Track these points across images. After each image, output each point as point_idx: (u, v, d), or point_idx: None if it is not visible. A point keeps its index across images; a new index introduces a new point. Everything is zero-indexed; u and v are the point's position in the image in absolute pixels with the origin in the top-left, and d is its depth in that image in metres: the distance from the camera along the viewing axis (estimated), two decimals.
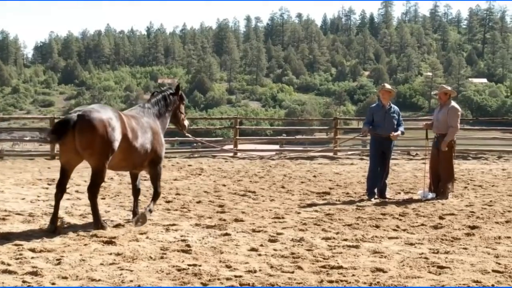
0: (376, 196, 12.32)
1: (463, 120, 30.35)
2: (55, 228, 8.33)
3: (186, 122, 10.48)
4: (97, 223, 8.49)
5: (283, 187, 14.04)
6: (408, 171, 18.06)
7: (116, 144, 8.36)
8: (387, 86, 12.77)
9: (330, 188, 13.92)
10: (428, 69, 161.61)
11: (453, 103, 12.57)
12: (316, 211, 10.68)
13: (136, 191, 9.71)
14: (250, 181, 15.16)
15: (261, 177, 16.05)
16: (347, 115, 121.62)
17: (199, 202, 11.45)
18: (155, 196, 9.58)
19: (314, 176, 16.46)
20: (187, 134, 11.08)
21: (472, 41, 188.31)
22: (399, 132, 12.49)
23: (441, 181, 12.37)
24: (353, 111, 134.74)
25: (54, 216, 8.42)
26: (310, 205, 11.35)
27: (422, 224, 9.40)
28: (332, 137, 24.32)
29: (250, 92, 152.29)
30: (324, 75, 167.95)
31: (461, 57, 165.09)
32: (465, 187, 14.26)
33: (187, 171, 16.97)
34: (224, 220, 9.51)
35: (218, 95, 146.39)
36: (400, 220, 9.83)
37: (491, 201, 12.02)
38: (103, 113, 8.29)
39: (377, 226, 9.20)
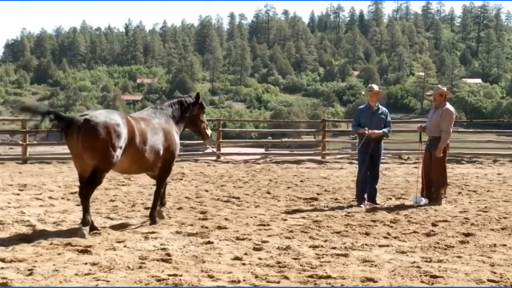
0: (366, 202, 12.34)
1: (457, 122, 30.50)
2: (92, 227, 8.90)
3: (208, 131, 10.92)
4: (87, 223, 8.79)
5: (268, 192, 14.04)
6: (400, 176, 18.13)
7: (119, 152, 8.77)
8: (375, 87, 12.78)
9: (318, 194, 13.93)
10: (420, 69, 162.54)
11: (448, 105, 12.60)
12: (303, 217, 10.68)
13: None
14: (234, 186, 15.14)
15: (246, 182, 16.04)
16: (336, 116, 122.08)
17: (180, 208, 11.42)
18: (157, 195, 10.00)
19: (301, 181, 16.47)
20: (207, 146, 11.52)
21: (466, 40, 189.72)
22: (379, 131, 12.42)
23: (433, 186, 12.42)
24: (342, 113, 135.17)
25: (85, 218, 8.81)
26: (297, 212, 11.35)
27: (414, 232, 9.42)
28: (320, 140, 24.38)
29: (234, 93, 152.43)
30: (312, 75, 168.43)
31: (454, 57, 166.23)
32: (459, 193, 14.33)
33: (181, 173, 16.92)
34: (207, 227, 9.49)
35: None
36: (391, 227, 9.86)
37: (486, 207, 12.08)
38: (109, 119, 8.70)
39: (367, 234, 9.22)
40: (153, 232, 9.03)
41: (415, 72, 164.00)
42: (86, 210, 8.84)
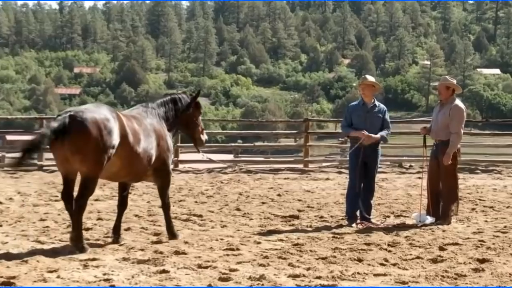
0: (358, 221, 12.38)
1: (470, 123, 30.82)
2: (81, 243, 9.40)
3: (204, 137, 11.24)
4: (78, 244, 9.28)
5: (238, 209, 14.03)
6: (400, 188, 18.21)
7: (112, 151, 9.18)
8: (369, 78, 12.78)
9: (299, 211, 13.95)
10: (425, 56, 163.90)
11: (457, 101, 12.65)
12: (281, 240, 10.68)
13: (123, 203, 10.55)
14: (196, 202, 15.11)
15: (210, 197, 16.01)
16: (322, 115, 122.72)
17: (128, 229, 11.35)
18: (165, 208, 10.59)
19: (279, 195, 16.48)
20: (201, 153, 12.38)
21: (481, 21, 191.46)
22: (376, 136, 12.45)
23: (442, 201, 12.49)
24: (329, 111, 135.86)
25: (78, 232, 9.36)
26: (273, 233, 11.34)
27: (418, 257, 9.47)
28: (302, 144, 24.46)
29: (195, 86, 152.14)
30: (292, 63, 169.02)
31: (467, 42, 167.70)
32: (473, 209, 14.42)
33: (112, 189, 16.83)
34: (161, 252, 9.46)
35: (153, 89, 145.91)
36: (390, 251, 9.90)
37: (505, 226, 12.16)
38: (98, 114, 9.10)
39: (360, 260, 9.25)
40: (94, 259, 8.97)
41: (418, 61, 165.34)
42: (79, 224, 9.42)
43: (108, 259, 9.04)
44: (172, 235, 10.51)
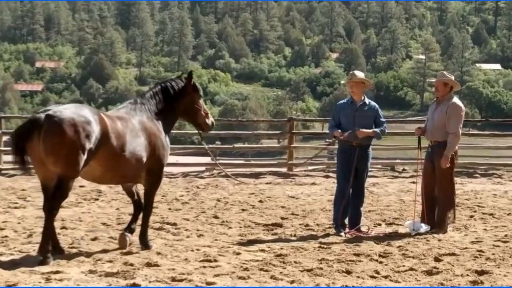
0: (346, 229, 12.41)
1: (468, 122, 30.91)
2: (60, 252, 9.84)
3: (209, 120, 11.26)
4: (43, 250, 9.44)
5: (216, 216, 14.02)
6: (392, 194, 18.25)
7: (87, 154, 9.34)
8: (359, 74, 12.79)
9: (283, 218, 13.95)
10: (420, 50, 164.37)
11: (455, 99, 12.68)
12: (263, 250, 10.69)
13: (138, 207, 10.99)
14: (169, 209, 15.09)
15: (185, 203, 15.99)
16: (308, 114, 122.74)
17: (95, 239, 11.32)
18: (147, 214, 10.78)
19: (260, 201, 16.48)
20: (202, 143, 12.53)
21: (480, 12, 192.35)
22: (368, 131, 12.39)
23: (437, 207, 12.52)
24: (315, 109, 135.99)
25: (54, 240, 9.72)
26: (254, 243, 11.36)
27: (411, 269, 9.50)
28: (286, 145, 24.46)
29: None
30: (275, 58, 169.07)
31: (465, 34, 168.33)
32: (471, 216, 14.47)
33: (78, 195, 16.78)
34: (131, 264, 9.44)
35: (123, 86, 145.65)
36: (381, 263, 9.92)
37: (506, 235, 12.22)
38: (77, 115, 9.30)
39: (349, 272, 9.27)
40: (57, 272, 8.94)
41: (413, 55, 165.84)
42: (51, 231, 9.68)
43: (73, 272, 9.01)
44: (144, 245, 10.53)
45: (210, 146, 28.05)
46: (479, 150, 27.43)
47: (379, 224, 13.47)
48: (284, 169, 23.25)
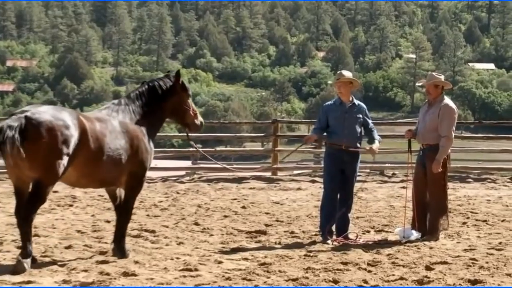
0: (334, 237, 12.42)
1: (461, 125, 30.95)
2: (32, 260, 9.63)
3: (198, 120, 11.23)
4: (25, 255, 9.44)
5: (196, 223, 14.01)
6: (382, 199, 18.30)
7: (66, 160, 9.37)
8: (346, 74, 12.79)
9: (267, 225, 13.96)
10: (410, 49, 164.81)
11: (447, 100, 12.70)
12: (246, 259, 10.69)
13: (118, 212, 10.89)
14: (148, 215, 15.06)
15: (164, 209, 15.97)
16: (293, 116, 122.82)
17: (69, 247, 11.29)
18: (124, 219, 10.77)
19: (243, 207, 16.48)
20: (190, 142, 12.44)
21: (473, 9, 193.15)
22: (377, 144, 12.63)
23: (429, 214, 12.54)
24: (301, 111, 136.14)
25: (26, 247, 9.54)
26: (237, 251, 11.35)
27: (402, 278, 9.52)
28: (270, 149, 24.47)
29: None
30: (259, 57, 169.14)
31: (457, 32, 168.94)
32: (464, 223, 14.52)
33: (51, 200, 16.71)
34: (108, 274, 9.42)
35: (99, 86, 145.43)
36: (370, 272, 9.93)
37: (500, 243, 12.26)
38: (55, 117, 9.33)
39: (336, 282, 9.28)
40: (29, 282, 8.92)
41: (403, 54, 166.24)
42: (27, 237, 9.53)
43: (46, 282, 8.99)
44: (121, 252, 10.52)
45: (191, 149, 28.05)
46: (472, 154, 27.56)
47: (368, 231, 13.50)
48: (268, 174, 23.27)
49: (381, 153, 27.04)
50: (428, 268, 10.17)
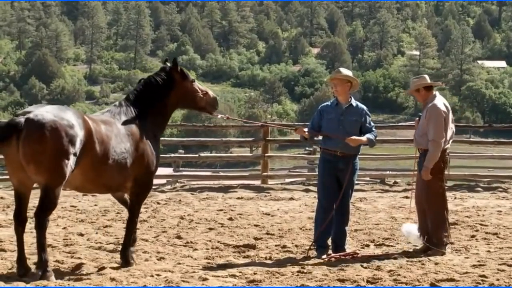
0: (329, 252, 12.44)
1: (469, 128, 30.97)
2: (25, 270, 10.09)
3: (211, 97, 11.59)
4: (43, 265, 9.90)
5: (179, 237, 14.03)
6: (382, 210, 18.30)
7: (73, 160, 9.68)
8: (343, 71, 12.65)
9: (256, 239, 13.98)
10: (413, 45, 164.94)
11: (436, 99, 12.54)
12: (234, 276, 10.71)
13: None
14: (125, 228, 15.06)
15: (144, 221, 15.97)
16: (285, 119, 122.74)
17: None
18: (131, 227, 11.23)
19: (230, 219, 16.49)
20: (217, 115, 12.77)
21: (482, 1, 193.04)
22: (362, 138, 12.31)
23: (429, 226, 12.54)
24: (293, 113, 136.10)
25: (20, 256, 10.14)
26: (223, 267, 11.38)
27: None
28: (259, 155, 24.48)
29: (124, 81, 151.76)
30: (247, 53, 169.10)
31: (465, 27, 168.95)
32: (472, 236, 14.52)
33: None
34: None
35: (71, 85, 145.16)
36: None
37: None
38: (59, 117, 9.62)
39: None
40: None
41: (405, 51, 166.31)
42: (43, 247, 10.02)
43: None
44: (125, 261, 11.07)
45: (173, 155, 28.04)
46: (482, 160, 27.58)
47: (367, 245, 13.51)
48: (257, 182, 23.26)
49: (382, 159, 27.15)
50: (433, 285, 10.20)
